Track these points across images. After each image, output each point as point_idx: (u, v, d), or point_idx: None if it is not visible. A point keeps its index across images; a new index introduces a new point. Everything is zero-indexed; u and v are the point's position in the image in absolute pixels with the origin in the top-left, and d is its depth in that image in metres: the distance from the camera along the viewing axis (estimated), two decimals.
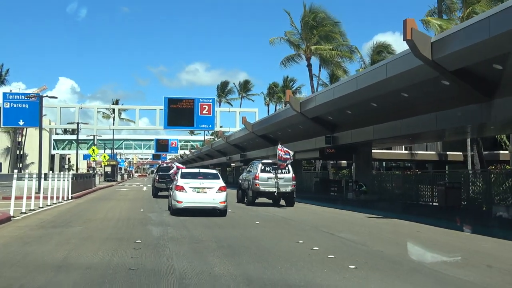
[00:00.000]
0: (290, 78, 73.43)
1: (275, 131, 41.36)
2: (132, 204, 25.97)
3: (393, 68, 20.31)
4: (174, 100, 57.76)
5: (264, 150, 49.72)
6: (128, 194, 37.45)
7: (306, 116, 32.00)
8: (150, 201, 29.14)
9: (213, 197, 18.37)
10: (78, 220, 16.98)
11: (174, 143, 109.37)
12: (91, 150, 55.34)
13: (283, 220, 18.81)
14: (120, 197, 32.41)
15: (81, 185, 34.85)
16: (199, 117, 57.68)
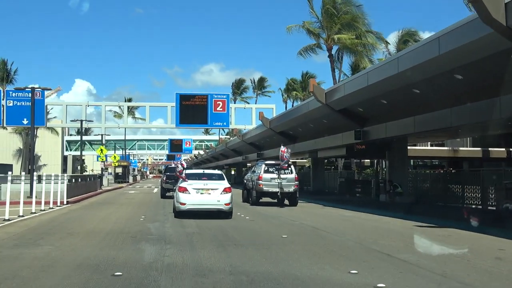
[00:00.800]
0: (309, 74, 69.28)
1: (295, 127, 37.39)
2: (134, 210, 22.19)
3: (449, 41, 16.25)
4: (186, 97, 54.05)
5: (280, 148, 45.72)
6: (134, 197, 33.75)
7: (332, 108, 28.00)
8: (156, 206, 25.39)
9: (218, 198, 17.53)
10: (56, 235, 13.18)
11: (188, 143, 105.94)
12: (98, 150, 51.81)
13: (314, 232, 14.85)
14: (124, 201, 28.69)
15: (81, 188, 31.18)
16: (213, 114, 53.92)
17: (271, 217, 19.60)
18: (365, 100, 24.74)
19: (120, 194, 37.78)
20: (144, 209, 23.01)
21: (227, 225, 15.91)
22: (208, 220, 17.18)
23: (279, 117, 39.58)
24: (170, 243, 11.90)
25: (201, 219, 17.58)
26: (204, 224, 16.18)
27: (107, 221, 17.22)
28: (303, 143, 39.54)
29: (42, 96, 51.87)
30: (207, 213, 17.83)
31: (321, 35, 45.70)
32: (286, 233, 14.14)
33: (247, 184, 28.86)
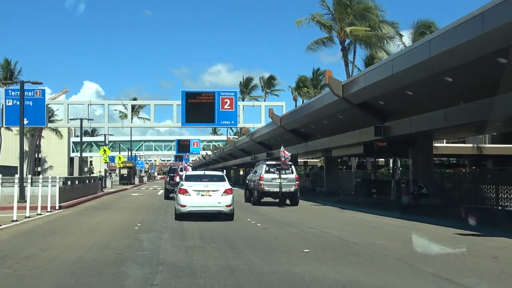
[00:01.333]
0: (320, 71, 66.51)
1: (308, 123, 34.72)
2: (131, 216, 19.64)
3: (495, 17, 13.58)
4: (193, 94, 51.47)
5: (293, 148, 43.05)
6: (136, 200, 31.25)
7: (349, 102, 25.33)
8: (157, 210, 22.87)
9: (218, 200, 17.09)
10: (22, 253, 10.61)
11: (196, 144, 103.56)
12: (101, 151, 49.41)
13: (343, 245, 12.19)
14: (123, 206, 26.18)
15: (78, 191, 28.72)
16: (220, 113, 51.28)
17: (286, 224, 17.00)
18: (387, 92, 22.04)
19: (122, 197, 35.30)
20: (143, 215, 20.47)
21: (236, 236, 13.35)
22: (212, 228, 14.65)
23: (291, 113, 36.96)
24: (163, 263, 9.32)
25: (204, 223, 15.08)
26: (208, 233, 13.64)
27: (95, 231, 14.66)
28: (316, 141, 36.91)
29: (42, 94, 49.55)
30: (210, 215, 17.24)
31: (333, 27, 43.07)
32: (308, 246, 11.54)
33: (249, 184, 29.14)
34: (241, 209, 22.79)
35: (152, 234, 13.69)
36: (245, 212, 21.84)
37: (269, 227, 15.94)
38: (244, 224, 16.64)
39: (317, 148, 37.35)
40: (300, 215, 21.15)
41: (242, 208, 23.45)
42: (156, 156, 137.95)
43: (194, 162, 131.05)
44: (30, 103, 49.47)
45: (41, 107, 49.39)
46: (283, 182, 26.11)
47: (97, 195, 33.70)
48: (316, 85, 64.91)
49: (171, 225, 16.05)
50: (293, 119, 36.22)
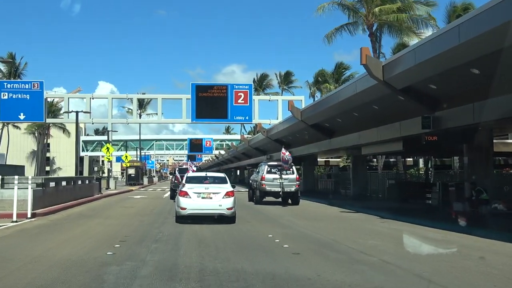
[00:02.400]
0: (343, 66, 61.39)
1: (334, 117, 29.69)
2: (116, 229, 14.88)
3: None
4: (203, 87, 46.76)
5: (315, 145, 38.10)
6: (135, 204, 26.50)
7: (391, 87, 20.30)
8: (155, 219, 18.13)
9: (219, 203, 16.52)
10: None
11: (208, 143, 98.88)
12: (104, 149, 44.81)
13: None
14: (115, 212, 21.45)
15: (66, 194, 24.04)
16: (234, 107, 46.55)
17: (322, 244, 12.07)
18: (446, 71, 17.02)
19: (121, 200, 30.56)
20: (134, 226, 15.73)
21: (252, 269, 8.46)
22: (219, 254, 9.80)
23: (314, 105, 31.96)
24: None
25: (207, 240, 10.28)
26: (211, 264, 8.76)
27: (57, 252, 9.99)
28: (343, 137, 31.87)
29: (40, 87, 45.06)
30: (214, 219, 16.51)
31: (359, 11, 38.05)
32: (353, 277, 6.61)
33: (252, 184, 29.42)
34: (245, 210, 17.93)
35: (127, 267, 8.81)
36: (252, 215, 16.97)
37: (298, 247, 11.05)
38: (263, 242, 11.78)
39: (344, 145, 32.31)
40: (334, 227, 16.24)
41: (246, 208, 18.58)
42: (169, 156, 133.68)
43: (206, 162, 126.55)
44: (27, 96, 44.99)
45: (39, 101, 44.87)
46: (284, 182, 26.45)
47: (92, 198, 28.99)
48: (337, 80, 59.71)
49: (163, 246, 11.24)
50: (317, 112, 31.24)
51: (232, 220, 16.71)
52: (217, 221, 16.51)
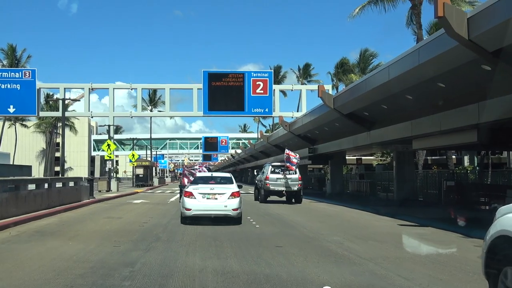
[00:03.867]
0: (369, 53, 54.88)
1: (378, 102, 23.18)
2: (67, 266, 8.66)
3: None
4: (217, 76, 40.69)
5: (349, 140, 31.74)
6: (126, 214, 20.37)
7: (481, 49, 13.91)
8: (136, 244, 11.84)
9: (225, 203, 15.79)
10: None
11: (224, 141, 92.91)
12: (105, 146, 38.85)
13: None
14: (92, 227, 15.35)
15: (36, 201, 17.96)
16: (251, 98, 40.45)
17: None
18: None
19: (115, 206, 24.44)
20: (98, 257, 9.56)
21: None
22: None
23: (352, 89, 25.50)
24: None
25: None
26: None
27: None
28: (387, 129, 25.44)
29: (32, 76, 39.17)
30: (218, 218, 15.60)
31: None
32: None
33: (258, 184, 29.91)
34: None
35: None
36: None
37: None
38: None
39: (387, 138, 25.84)
40: (435, 270, 9.90)
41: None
42: (184, 156, 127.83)
43: (222, 162, 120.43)
44: (18, 86, 39.00)
45: (31, 91, 38.90)
46: (288, 182, 27.18)
47: (77, 204, 22.92)
48: (363, 69, 53.21)
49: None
50: (355, 98, 24.83)
51: (238, 221, 16.14)
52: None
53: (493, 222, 5.25)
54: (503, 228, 4.89)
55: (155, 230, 14.46)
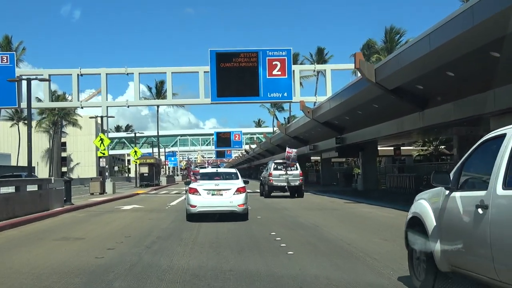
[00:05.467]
0: (395, 30, 48.04)
1: (444, 66, 16.55)
2: None
3: None
4: (226, 56, 34.29)
5: (391, 124, 25.24)
6: (93, 232, 13.92)
7: None
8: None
9: (230, 199, 15.26)
10: None
11: (237, 136, 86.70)
12: (97, 141, 32.65)
13: None
14: (19, 261, 9.01)
15: None
16: (267, 81, 33.97)
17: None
18: None
19: (90, 217, 18.01)
20: None
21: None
22: None
23: (408, 51, 18.65)
24: None
25: None
26: None
27: None
28: (455, 103, 18.78)
29: (11, 61, 33.08)
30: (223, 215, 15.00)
31: None
32: None
33: (262, 180, 30.56)
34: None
35: None
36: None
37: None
38: None
39: (455, 117, 19.15)
40: None
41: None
42: (198, 153, 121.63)
43: (236, 159, 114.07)
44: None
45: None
46: (289, 178, 27.71)
47: (38, 215, 16.65)
48: (390, 49, 46.39)
49: None
50: (411, 63, 18.17)
51: (244, 217, 15.49)
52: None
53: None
54: (413, 210, 6.44)
55: (115, 269, 8.10)
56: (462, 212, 5.35)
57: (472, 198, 5.16)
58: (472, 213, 5.08)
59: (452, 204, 5.57)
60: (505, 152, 4.81)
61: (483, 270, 4.91)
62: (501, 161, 4.83)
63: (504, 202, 4.61)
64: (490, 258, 4.68)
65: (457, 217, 5.41)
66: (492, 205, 4.73)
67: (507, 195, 4.59)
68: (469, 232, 5.13)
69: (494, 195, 4.74)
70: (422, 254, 6.11)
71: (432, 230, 5.87)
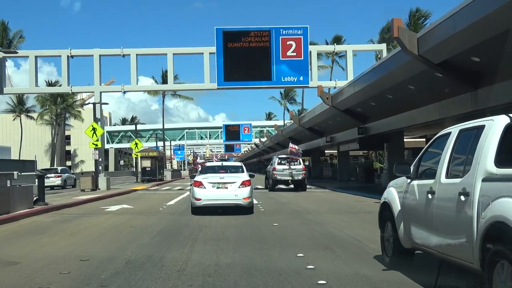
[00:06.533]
0: (421, 13, 43.60)
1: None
2: None
3: None
4: (235, 35, 30.17)
5: (432, 109, 20.94)
6: (41, 249, 9.94)
7: None
8: None
9: (235, 193, 15.01)
10: None
11: (246, 129, 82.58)
12: (88, 130, 28.73)
13: None
14: None
15: None
16: (281, 63, 29.81)
17: None
18: None
19: (57, 223, 13.86)
20: None
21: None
22: None
23: (475, 4, 14.35)
24: None
25: None
26: None
27: None
28: (510, 82, 14.57)
29: None
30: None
31: None
32: None
33: (267, 174, 30.69)
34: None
35: None
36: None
37: None
38: None
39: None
40: None
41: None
42: (205, 147, 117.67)
43: (245, 153, 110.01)
44: None
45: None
46: (293, 172, 28.00)
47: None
48: (415, 31, 41.98)
49: None
50: (465, 29, 13.93)
51: (250, 210, 15.32)
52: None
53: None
54: (384, 196, 7.41)
55: None
56: (418, 197, 6.35)
57: (425, 185, 6.15)
58: (424, 198, 6.08)
59: (411, 190, 6.61)
60: (448, 148, 5.84)
61: (433, 245, 5.87)
62: (445, 155, 5.85)
63: (446, 189, 5.62)
64: (436, 235, 5.74)
65: (414, 202, 6.44)
66: (438, 191, 5.78)
67: (448, 183, 5.59)
68: (422, 213, 6.13)
69: (439, 183, 5.78)
70: (390, 233, 7.13)
71: (397, 213, 6.90)
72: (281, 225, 12.54)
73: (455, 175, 5.47)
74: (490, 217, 4.53)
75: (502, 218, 4.33)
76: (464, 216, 5.00)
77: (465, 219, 4.96)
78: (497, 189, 4.58)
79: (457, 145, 5.69)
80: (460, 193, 5.11)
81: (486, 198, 4.69)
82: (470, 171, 5.08)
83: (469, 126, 5.62)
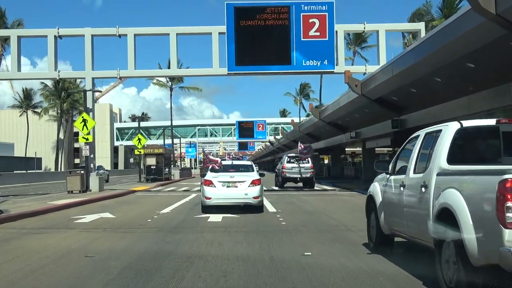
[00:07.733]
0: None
1: None
2: None
3: None
4: (248, 11, 25.66)
5: (492, 94, 16.25)
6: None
7: None
8: None
9: (245, 191, 14.93)
10: None
11: (260, 126, 78.11)
12: (78, 122, 24.43)
13: None
14: None
15: None
16: (302, 45, 25.31)
17: None
18: None
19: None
20: None
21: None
22: None
23: None
24: None
25: None
26: None
27: None
28: None
29: None
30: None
31: None
32: None
33: (277, 172, 31.79)
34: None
35: None
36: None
37: None
38: None
39: None
40: None
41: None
42: (218, 145, 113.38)
43: (259, 151, 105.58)
44: None
45: None
46: (301, 170, 28.67)
47: None
48: (447, 15, 37.06)
49: None
50: None
51: (260, 209, 15.09)
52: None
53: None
54: (369, 190, 8.53)
55: None
56: (393, 190, 7.53)
57: (399, 180, 7.29)
58: (398, 191, 7.26)
59: (389, 184, 7.79)
60: (416, 148, 6.95)
61: (404, 229, 7.08)
62: (414, 154, 7.00)
63: (412, 182, 6.77)
64: (405, 221, 6.94)
65: (391, 194, 7.63)
66: (407, 185, 6.94)
67: (415, 177, 6.74)
68: (396, 204, 7.30)
69: (408, 178, 6.95)
70: (373, 222, 8.24)
71: (379, 204, 8.04)
72: (314, 255, 8.04)
73: (419, 171, 6.67)
74: (439, 204, 5.68)
75: (447, 205, 5.47)
76: (423, 204, 6.20)
77: (424, 207, 6.15)
78: (447, 182, 5.73)
79: (423, 145, 6.89)
80: (421, 185, 6.32)
81: (438, 189, 5.86)
82: (429, 167, 6.28)
83: (432, 130, 6.81)
